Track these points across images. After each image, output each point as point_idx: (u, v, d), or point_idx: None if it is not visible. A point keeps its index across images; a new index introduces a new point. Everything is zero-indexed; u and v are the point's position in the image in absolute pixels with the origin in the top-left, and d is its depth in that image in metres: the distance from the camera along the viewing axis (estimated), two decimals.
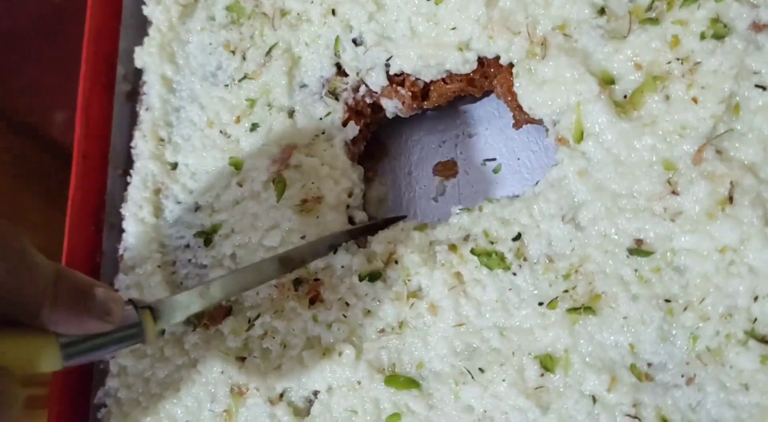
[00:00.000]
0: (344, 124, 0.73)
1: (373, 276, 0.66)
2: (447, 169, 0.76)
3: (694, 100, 0.58)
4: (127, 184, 0.79)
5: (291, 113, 0.74)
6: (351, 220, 0.71)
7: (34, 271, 0.47)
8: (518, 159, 0.73)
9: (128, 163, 0.82)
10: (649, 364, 0.56)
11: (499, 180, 0.74)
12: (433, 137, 0.78)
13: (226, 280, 0.61)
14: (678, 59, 0.59)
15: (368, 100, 0.73)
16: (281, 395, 0.65)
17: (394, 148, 0.79)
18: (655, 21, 0.61)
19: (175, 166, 0.78)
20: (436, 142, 0.78)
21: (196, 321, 0.71)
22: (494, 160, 0.74)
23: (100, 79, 0.84)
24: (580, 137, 0.61)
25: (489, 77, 0.69)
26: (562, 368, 0.57)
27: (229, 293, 0.62)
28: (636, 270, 0.57)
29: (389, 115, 0.74)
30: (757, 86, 0.57)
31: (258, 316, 0.68)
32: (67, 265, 0.73)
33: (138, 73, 0.84)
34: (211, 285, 0.59)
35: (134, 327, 0.54)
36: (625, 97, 0.61)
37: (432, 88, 0.72)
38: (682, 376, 0.54)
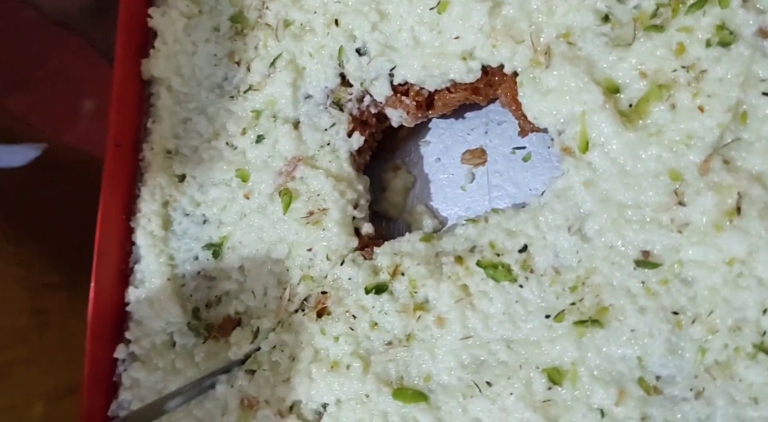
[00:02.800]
0: (349, 134, 0.72)
1: (380, 289, 0.66)
2: (476, 157, 0.74)
3: (701, 109, 0.57)
4: (137, 196, 0.80)
5: (296, 124, 0.74)
6: (357, 232, 0.71)
7: None
8: (549, 147, 0.71)
9: None
10: (658, 377, 0.55)
11: (529, 168, 0.72)
12: (461, 124, 0.76)
13: None
14: (683, 67, 0.59)
15: (373, 110, 0.73)
16: (291, 408, 0.66)
17: (423, 134, 0.78)
18: (659, 28, 0.60)
19: (182, 178, 0.78)
20: (465, 129, 0.76)
21: (206, 332, 0.72)
22: (524, 148, 0.72)
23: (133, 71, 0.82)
24: (585, 147, 0.61)
25: (493, 86, 0.69)
26: (570, 381, 0.57)
27: None
28: (643, 283, 0.56)
29: (394, 124, 0.73)
30: (764, 94, 0.56)
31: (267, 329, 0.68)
32: (99, 253, 0.74)
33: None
34: None
35: None
36: (631, 106, 0.60)
37: (436, 97, 0.71)
38: (691, 390, 0.54)
